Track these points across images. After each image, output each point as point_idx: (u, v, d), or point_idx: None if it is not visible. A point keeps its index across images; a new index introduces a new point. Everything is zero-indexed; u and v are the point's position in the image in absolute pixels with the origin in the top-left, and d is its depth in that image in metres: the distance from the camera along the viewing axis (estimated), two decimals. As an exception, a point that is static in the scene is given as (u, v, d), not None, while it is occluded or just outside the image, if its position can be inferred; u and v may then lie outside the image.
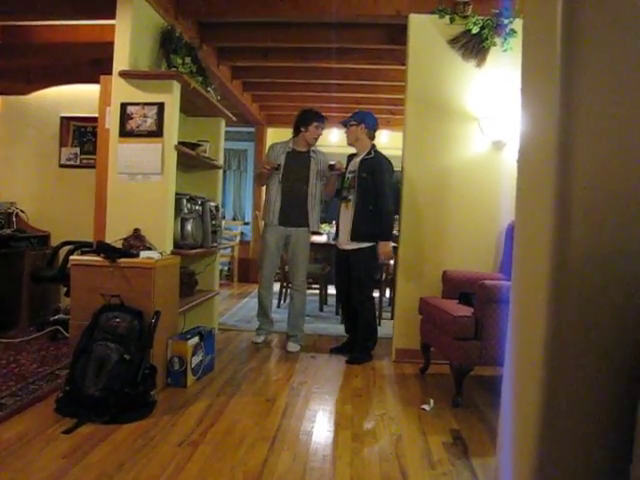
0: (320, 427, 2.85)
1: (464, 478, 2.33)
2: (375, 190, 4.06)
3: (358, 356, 4.16)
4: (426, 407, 3.16)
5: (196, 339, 3.47)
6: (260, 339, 4.61)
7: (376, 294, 5.16)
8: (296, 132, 4.45)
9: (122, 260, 3.15)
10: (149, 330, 3.02)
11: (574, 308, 1.16)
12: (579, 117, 1.14)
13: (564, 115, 1.14)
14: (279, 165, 4.34)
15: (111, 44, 3.60)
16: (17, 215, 5.09)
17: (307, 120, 4.37)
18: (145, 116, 3.56)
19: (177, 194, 3.74)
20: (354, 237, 4.15)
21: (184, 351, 3.35)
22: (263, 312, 4.61)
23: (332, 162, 4.42)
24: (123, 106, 3.57)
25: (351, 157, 4.39)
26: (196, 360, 3.47)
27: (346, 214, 4.26)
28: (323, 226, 6.90)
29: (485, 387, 3.64)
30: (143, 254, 3.23)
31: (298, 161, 4.38)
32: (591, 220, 1.14)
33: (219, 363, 3.91)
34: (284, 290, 6.28)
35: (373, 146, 4.27)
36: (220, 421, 2.86)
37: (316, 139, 4.43)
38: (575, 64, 1.14)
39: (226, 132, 4.96)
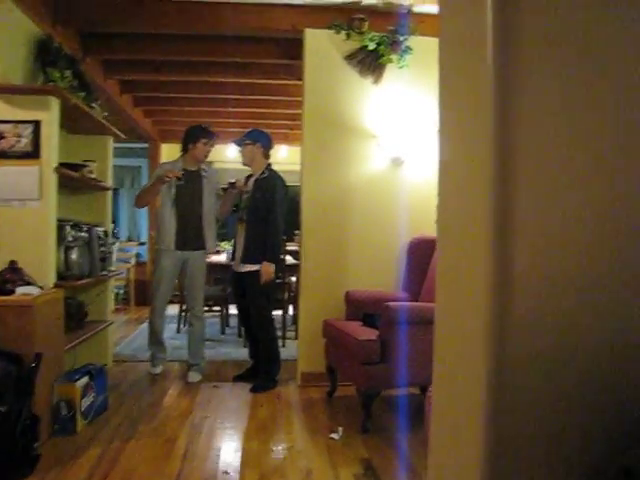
0: (225, 468, 2.67)
1: (377, 514, 2.24)
2: (266, 210, 3.96)
3: (262, 384, 4.00)
4: (335, 436, 3.06)
5: (85, 379, 3.17)
6: (158, 370, 4.33)
7: (279, 312, 5.05)
8: (185, 150, 4.24)
9: (-5, 298, 2.81)
10: (29, 376, 2.70)
11: (519, 333, 1.04)
12: (519, 133, 1.04)
13: (500, 130, 1.04)
14: (183, 175, 4.07)
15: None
16: None
17: (194, 137, 4.18)
18: (19, 136, 3.22)
19: (59, 220, 3.42)
20: (245, 259, 4.02)
21: (72, 394, 3.05)
22: (156, 340, 4.33)
23: (232, 180, 4.25)
24: (-7, 125, 3.22)
25: (249, 177, 4.23)
26: (86, 402, 3.17)
27: (242, 235, 4.11)
28: (222, 244, 6.68)
29: (393, 408, 3.61)
30: (19, 290, 2.90)
31: (190, 181, 4.16)
32: (535, 243, 1.05)
33: (114, 401, 3.61)
34: (183, 314, 5.98)
35: (268, 165, 4.15)
36: (114, 471, 2.61)
37: (206, 156, 4.25)
38: (513, 74, 1.03)
39: (118, 148, 4.68)
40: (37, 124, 3.24)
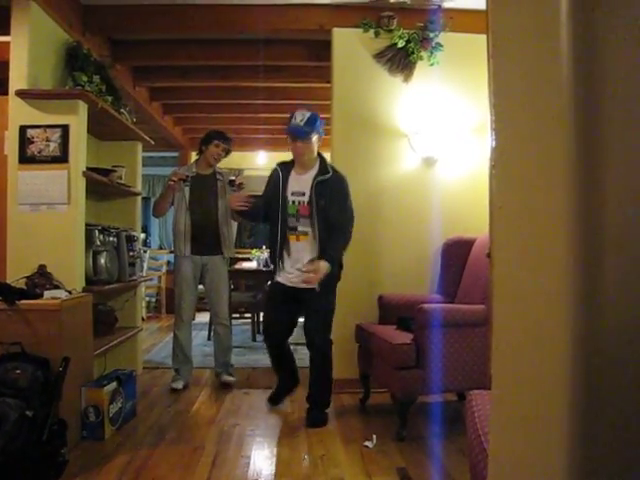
0: (255, 476, 2.58)
1: (414, 527, 2.12)
2: (335, 216, 3.27)
3: (321, 417, 3.36)
4: (369, 444, 2.94)
5: (114, 385, 3.12)
6: (180, 385, 4.01)
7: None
8: (200, 153, 4.18)
9: (23, 302, 2.78)
10: (56, 380, 2.66)
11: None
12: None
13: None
14: (188, 177, 3.99)
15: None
16: None
17: (208, 139, 4.08)
18: (48, 140, 3.22)
19: (88, 225, 3.40)
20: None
21: (100, 399, 3.00)
22: (182, 356, 4.09)
23: (232, 177, 4.11)
24: (22, 129, 3.22)
25: (283, 168, 3.45)
26: (114, 408, 3.12)
27: (297, 246, 3.33)
28: (253, 251, 6.65)
29: (429, 415, 3.47)
30: (47, 294, 2.87)
31: (204, 185, 4.07)
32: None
33: (143, 408, 3.56)
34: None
35: (322, 159, 3.48)
36: (142, 479, 2.53)
37: (217, 159, 4.11)
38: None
39: (150, 158, 4.67)
40: (65, 128, 3.24)
